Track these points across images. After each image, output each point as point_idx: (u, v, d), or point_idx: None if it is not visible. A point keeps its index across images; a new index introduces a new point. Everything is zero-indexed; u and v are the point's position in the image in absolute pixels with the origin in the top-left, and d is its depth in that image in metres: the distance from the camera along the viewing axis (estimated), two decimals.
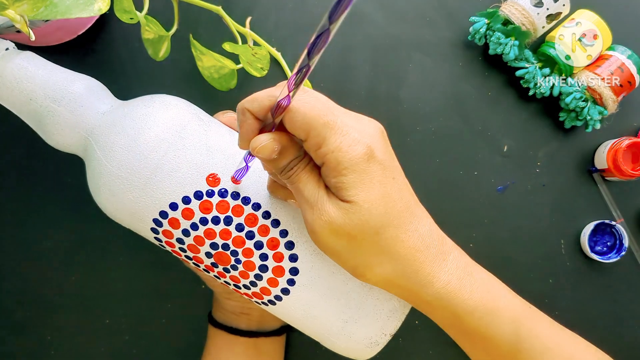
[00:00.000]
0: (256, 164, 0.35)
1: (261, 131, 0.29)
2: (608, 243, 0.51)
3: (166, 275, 0.50)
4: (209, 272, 0.37)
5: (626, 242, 0.50)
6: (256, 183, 0.35)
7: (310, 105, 0.27)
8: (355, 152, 0.27)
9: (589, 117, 0.49)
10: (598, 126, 0.50)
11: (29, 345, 0.50)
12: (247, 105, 0.28)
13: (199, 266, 0.37)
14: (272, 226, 0.34)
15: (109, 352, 0.50)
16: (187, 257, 0.36)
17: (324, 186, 0.29)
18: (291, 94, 0.26)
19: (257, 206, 0.34)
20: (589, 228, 0.50)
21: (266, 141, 0.28)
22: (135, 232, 0.37)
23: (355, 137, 0.27)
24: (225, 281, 0.36)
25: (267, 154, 0.28)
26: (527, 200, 0.52)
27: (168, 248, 0.36)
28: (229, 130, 0.37)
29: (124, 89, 0.50)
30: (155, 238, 0.36)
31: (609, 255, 0.51)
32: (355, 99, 0.51)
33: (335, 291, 0.34)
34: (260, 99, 0.28)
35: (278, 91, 0.27)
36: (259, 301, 0.36)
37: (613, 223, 0.50)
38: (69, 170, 0.50)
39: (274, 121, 0.28)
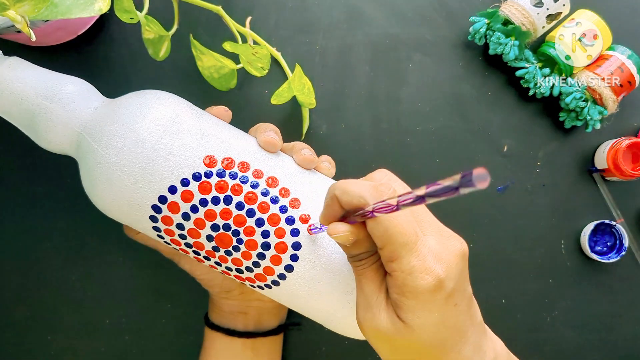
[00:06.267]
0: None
1: (344, 217, 0.29)
2: (608, 243, 0.51)
3: (166, 275, 0.50)
4: (209, 259, 0.37)
5: (626, 242, 0.50)
6: (253, 162, 0.35)
7: (395, 221, 0.27)
8: (424, 281, 0.27)
9: (589, 117, 0.49)
10: (598, 126, 0.50)
11: (29, 345, 0.50)
12: (337, 193, 0.28)
13: (199, 254, 0.36)
14: (272, 202, 0.35)
15: (109, 352, 0.50)
16: (187, 244, 0.36)
17: (385, 290, 0.29)
18: (377, 213, 0.26)
19: (255, 185, 0.35)
20: (589, 228, 0.50)
21: (343, 232, 0.29)
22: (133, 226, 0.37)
23: (429, 266, 0.27)
24: (226, 267, 0.36)
25: (341, 242, 0.29)
26: (527, 200, 0.52)
27: (167, 237, 0.36)
28: (220, 119, 0.38)
29: (123, 89, 0.50)
30: (154, 227, 0.36)
31: (609, 255, 0.51)
32: (355, 99, 0.51)
33: (339, 262, 0.35)
34: (351, 196, 0.28)
35: (370, 196, 0.27)
36: (262, 284, 0.36)
37: (613, 223, 0.50)
38: (69, 170, 0.50)
39: (354, 218, 0.28)
